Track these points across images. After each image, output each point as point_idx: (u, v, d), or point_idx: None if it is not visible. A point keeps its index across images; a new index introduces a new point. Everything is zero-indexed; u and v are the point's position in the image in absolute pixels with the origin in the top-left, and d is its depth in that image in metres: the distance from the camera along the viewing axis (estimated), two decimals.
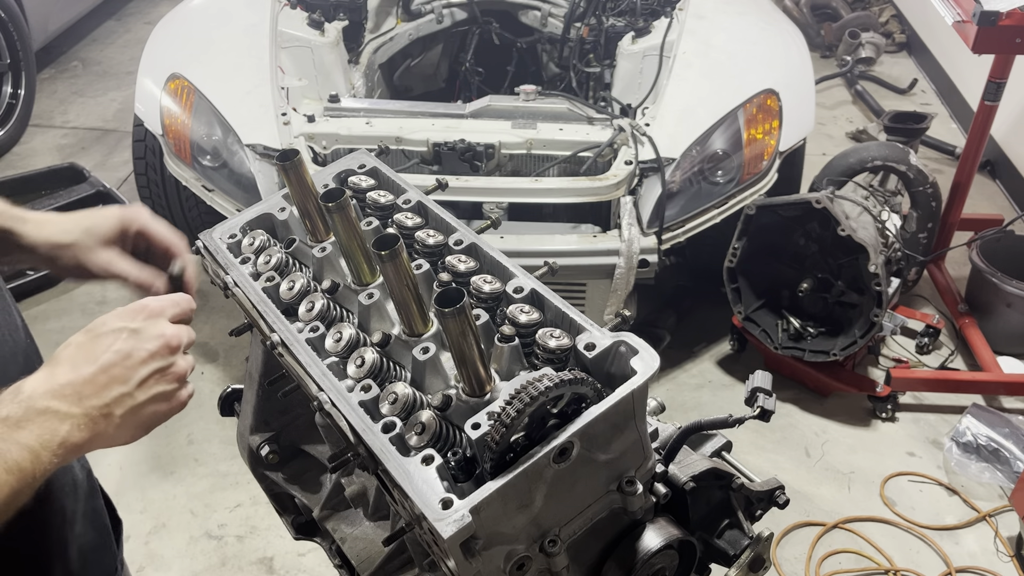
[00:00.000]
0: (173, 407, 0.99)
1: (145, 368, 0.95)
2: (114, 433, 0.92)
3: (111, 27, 6.38)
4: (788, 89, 3.09)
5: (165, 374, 0.97)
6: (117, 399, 0.92)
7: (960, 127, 4.95)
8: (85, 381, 0.91)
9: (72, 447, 0.88)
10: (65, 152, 4.79)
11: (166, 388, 0.97)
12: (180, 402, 0.99)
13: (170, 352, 0.97)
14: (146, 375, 0.95)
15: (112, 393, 0.92)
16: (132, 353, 0.94)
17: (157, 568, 2.64)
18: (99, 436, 0.91)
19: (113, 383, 0.92)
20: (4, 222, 1.17)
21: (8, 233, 1.17)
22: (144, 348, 0.95)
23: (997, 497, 2.82)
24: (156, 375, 0.96)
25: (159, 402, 0.96)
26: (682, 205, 2.88)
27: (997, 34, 2.81)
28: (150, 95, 3.13)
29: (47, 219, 1.20)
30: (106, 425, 0.91)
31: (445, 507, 0.90)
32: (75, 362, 0.93)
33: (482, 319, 1.12)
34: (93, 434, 0.90)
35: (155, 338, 0.96)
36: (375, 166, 1.45)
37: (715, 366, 3.37)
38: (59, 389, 0.89)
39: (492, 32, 3.96)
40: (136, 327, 0.97)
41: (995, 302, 3.32)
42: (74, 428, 0.88)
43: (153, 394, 0.95)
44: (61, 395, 0.89)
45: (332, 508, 1.45)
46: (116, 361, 0.93)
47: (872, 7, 6.16)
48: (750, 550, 1.23)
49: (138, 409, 0.94)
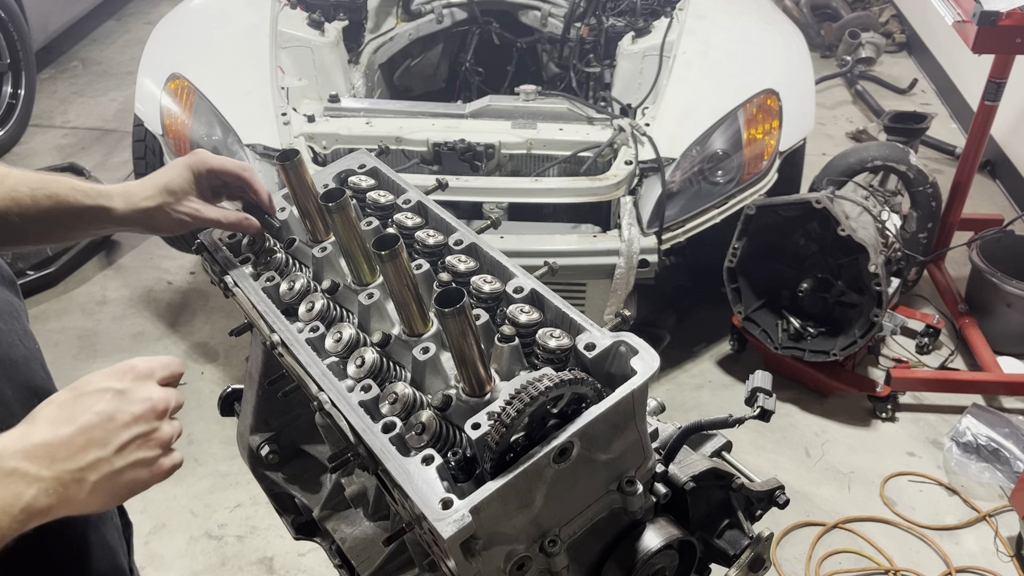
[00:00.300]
0: (154, 475, 0.93)
1: (127, 432, 0.90)
2: (85, 499, 0.87)
3: (111, 27, 6.38)
4: (788, 89, 3.09)
5: (148, 439, 0.91)
6: (93, 464, 0.87)
7: (960, 127, 4.95)
8: (61, 442, 0.86)
9: (36, 513, 0.83)
10: (65, 152, 4.79)
11: (148, 455, 0.91)
12: (162, 471, 0.93)
13: (155, 416, 0.93)
14: (127, 439, 0.89)
15: (88, 457, 0.86)
16: (115, 415, 0.89)
17: (157, 568, 2.64)
18: (68, 502, 0.85)
19: (91, 446, 0.87)
20: (96, 201, 1.22)
21: (101, 210, 1.23)
22: (128, 411, 0.90)
23: (997, 497, 2.82)
24: (138, 440, 0.90)
25: (139, 469, 0.91)
26: (682, 205, 2.88)
27: (997, 34, 2.81)
28: (150, 95, 3.13)
29: (130, 190, 1.26)
30: (77, 491, 0.86)
31: (445, 507, 0.90)
32: (53, 421, 0.87)
33: (482, 319, 1.13)
34: (61, 500, 0.84)
35: (141, 401, 0.92)
36: (375, 166, 1.45)
37: (715, 366, 3.37)
38: (32, 449, 0.84)
39: (492, 32, 3.96)
40: (122, 388, 0.92)
41: (995, 302, 3.32)
42: (41, 493, 0.83)
43: (133, 460, 0.90)
44: (33, 456, 0.84)
45: (332, 508, 1.45)
46: (96, 423, 0.88)
47: (872, 7, 6.16)
48: (750, 550, 1.23)
49: (115, 476, 0.89)
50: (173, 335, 3.52)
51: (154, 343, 3.48)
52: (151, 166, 3.31)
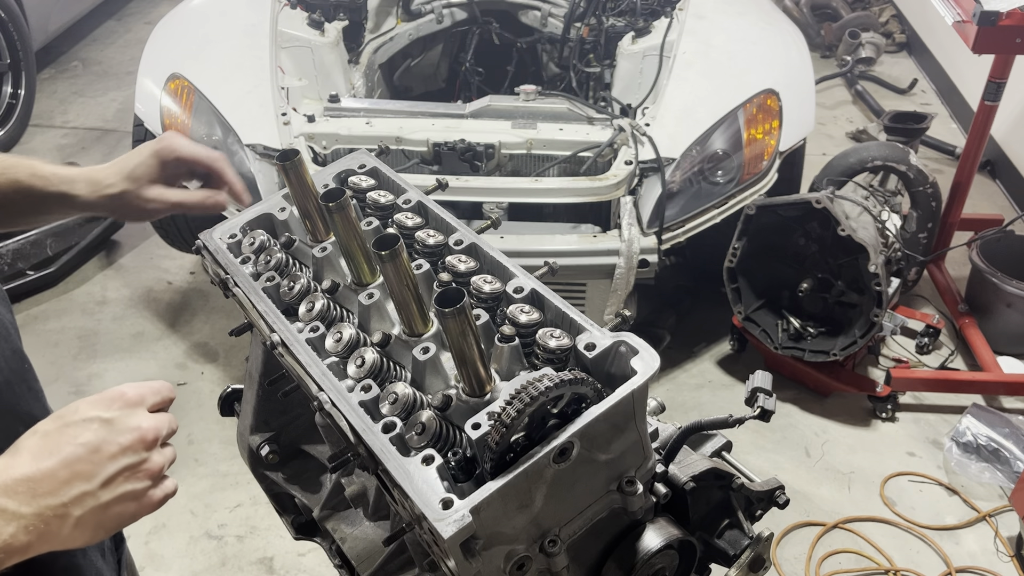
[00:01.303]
0: (143, 508, 0.88)
1: (114, 464, 0.85)
2: (68, 535, 0.82)
3: (111, 27, 6.38)
4: (788, 89, 3.09)
5: (136, 471, 0.86)
6: (77, 498, 0.82)
7: (960, 127, 4.95)
8: (44, 475, 0.81)
9: (14, 551, 0.78)
10: (65, 152, 4.79)
11: (136, 487, 0.87)
12: (152, 503, 0.89)
13: (144, 447, 0.87)
14: (114, 472, 0.85)
15: (72, 492, 0.82)
16: (101, 447, 0.84)
17: (157, 568, 2.64)
18: (49, 538, 0.81)
19: (75, 479, 0.82)
20: (58, 187, 1.21)
21: (64, 196, 1.22)
22: (116, 441, 0.85)
23: (997, 497, 2.82)
24: (126, 472, 0.85)
25: (126, 502, 0.86)
26: (682, 205, 2.88)
27: (997, 34, 2.81)
28: (150, 95, 3.13)
29: (94, 175, 1.26)
30: (59, 526, 0.81)
31: (445, 507, 0.90)
32: (37, 453, 0.82)
33: (482, 319, 1.12)
34: (42, 537, 0.80)
35: (129, 431, 0.87)
36: (375, 166, 1.45)
37: (715, 366, 3.37)
38: (12, 485, 0.80)
39: (492, 32, 3.96)
40: (109, 417, 0.86)
41: (995, 302, 3.32)
42: (20, 530, 0.78)
43: (120, 493, 0.85)
44: (13, 492, 0.79)
45: (332, 508, 1.45)
46: (82, 455, 0.83)
47: (872, 7, 6.16)
48: (750, 550, 1.23)
49: (100, 510, 0.84)
50: (173, 335, 3.52)
51: (154, 343, 3.48)
52: None
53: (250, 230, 1.36)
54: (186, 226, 3.37)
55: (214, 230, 1.38)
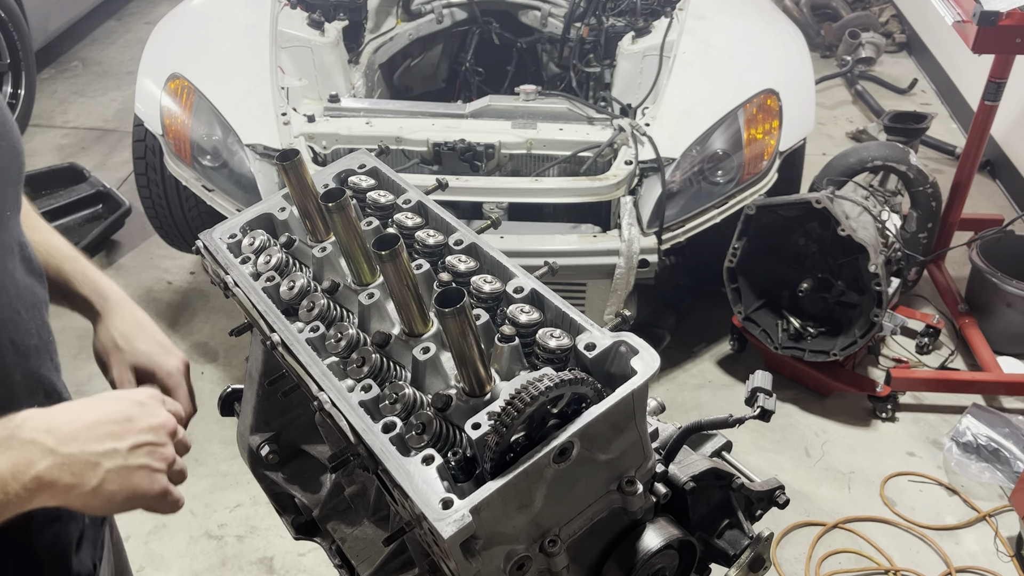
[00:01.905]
0: (154, 489, 0.97)
1: (141, 436, 0.96)
2: (93, 488, 0.91)
3: (111, 27, 6.38)
4: (788, 89, 3.09)
5: (156, 451, 0.97)
6: (108, 452, 0.92)
7: (960, 127, 4.95)
8: (84, 425, 0.91)
9: (45, 485, 0.86)
10: (65, 152, 4.79)
11: (155, 464, 0.97)
12: (161, 487, 0.98)
13: (167, 433, 1.00)
14: (141, 442, 0.96)
15: (105, 445, 0.92)
16: (133, 418, 0.96)
17: (157, 568, 2.64)
18: (77, 486, 0.89)
19: (108, 437, 0.93)
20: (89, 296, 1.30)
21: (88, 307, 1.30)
22: (145, 419, 0.98)
23: (997, 497, 2.82)
24: (149, 447, 0.97)
25: (144, 474, 0.96)
26: (682, 205, 2.88)
27: (997, 34, 2.81)
28: (150, 95, 3.13)
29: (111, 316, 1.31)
30: (89, 476, 0.90)
31: (445, 507, 0.91)
32: (78, 409, 0.94)
33: (482, 319, 1.13)
34: (72, 480, 0.88)
35: (156, 415, 1.00)
36: (375, 166, 1.45)
37: (715, 366, 3.37)
38: (54, 426, 0.89)
39: (492, 32, 3.96)
40: (140, 400, 1.00)
41: (995, 302, 3.32)
42: (54, 466, 0.87)
43: (142, 463, 0.95)
44: (54, 431, 0.88)
45: (332, 508, 1.45)
46: (117, 419, 0.95)
47: (872, 7, 6.16)
48: (750, 550, 1.23)
49: (123, 472, 0.93)
50: (173, 335, 3.52)
51: None
52: (151, 166, 3.31)
53: (250, 230, 1.36)
54: (186, 226, 3.37)
55: (214, 230, 1.38)
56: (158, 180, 3.32)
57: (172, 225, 3.40)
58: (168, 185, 3.30)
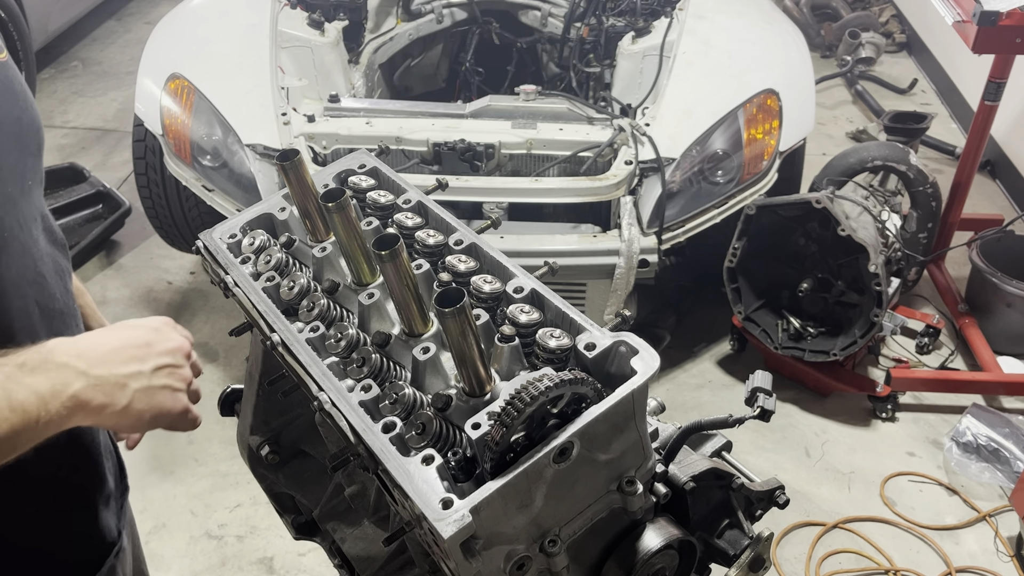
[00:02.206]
0: (176, 407, 1.05)
1: (161, 359, 1.04)
2: (124, 407, 0.98)
3: (111, 27, 6.38)
4: (788, 89, 3.09)
5: (175, 372, 1.05)
6: (134, 374, 1.00)
7: (960, 127, 4.95)
8: (109, 351, 0.99)
9: (81, 404, 0.93)
10: (65, 152, 4.79)
11: (175, 384, 1.05)
12: (183, 405, 1.06)
13: (183, 356, 1.08)
14: (161, 364, 1.04)
15: (130, 368, 1.00)
16: (151, 343, 1.04)
17: (157, 568, 2.64)
18: (109, 405, 0.96)
19: (132, 361, 1.00)
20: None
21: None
22: (162, 343, 1.06)
23: (997, 497, 2.82)
24: (169, 368, 1.04)
25: (167, 393, 1.04)
26: (682, 205, 2.88)
27: (997, 34, 2.81)
28: (150, 95, 3.13)
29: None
30: (119, 396, 0.97)
31: (445, 507, 0.91)
32: (101, 337, 1.02)
33: (482, 319, 1.13)
34: (104, 400, 0.96)
35: (171, 340, 1.07)
36: (375, 166, 1.45)
37: (715, 366, 3.37)
38: (82, 351, 0.96)
39: (492, 32, 3.96)
40: (156, 327, 1.08)
41: (995, 302, 3.32)
42: (87, 387, 0.94)
43: (164, 383, 1.03)
44: (83, 356, 0.95)
45: (332, 508, 1.45)
46: (138, 344, 1.03)
47: (872, 7, 6.16)
48: (750, 550, 1.23)
49: (149, 392, 1.01)
50: None
51: None
52: (151, 166, 3.31)
53: (250, 230, 1.36)
54: (186, 226, 3.37)
55: (214, 230, 1.38)
56: (158, 180, 3.32)
57: (172, 225, 3.40)
58: (168, 185, 3.30)
